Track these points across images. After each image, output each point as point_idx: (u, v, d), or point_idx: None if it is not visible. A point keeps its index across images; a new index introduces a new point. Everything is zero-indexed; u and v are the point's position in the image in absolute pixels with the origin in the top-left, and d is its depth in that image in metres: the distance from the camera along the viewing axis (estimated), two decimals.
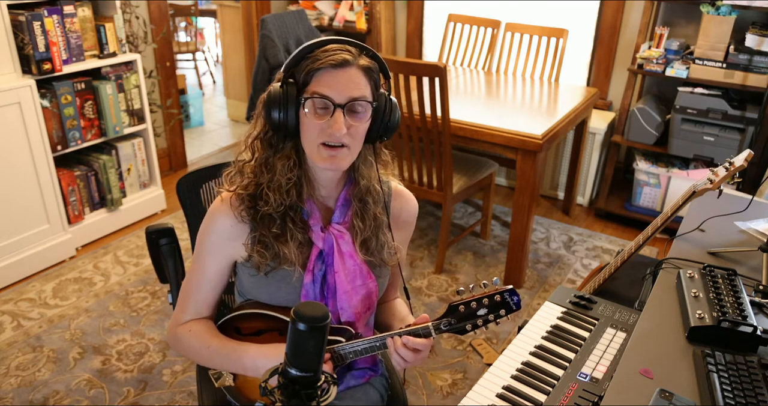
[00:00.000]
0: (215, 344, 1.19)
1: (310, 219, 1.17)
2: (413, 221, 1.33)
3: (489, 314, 1.10)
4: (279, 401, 0.72)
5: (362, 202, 1.20)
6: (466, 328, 1.11)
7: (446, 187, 2.66)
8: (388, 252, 1.24)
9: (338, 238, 1.18)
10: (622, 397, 1.01)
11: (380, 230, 1.22)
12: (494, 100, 3.05)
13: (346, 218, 1.20)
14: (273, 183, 1.13)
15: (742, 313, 1.15)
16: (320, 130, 1.07)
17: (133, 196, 3.25)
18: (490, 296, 1.10)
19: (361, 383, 1.32)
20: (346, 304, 1.21)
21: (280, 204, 1.13)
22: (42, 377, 2.20)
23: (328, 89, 1.06)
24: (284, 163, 1.13)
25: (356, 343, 1.15)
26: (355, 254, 1.20)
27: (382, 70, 1.13)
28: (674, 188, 3.18)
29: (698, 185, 1.49)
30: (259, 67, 3.48)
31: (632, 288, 1.65)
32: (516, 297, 1.09)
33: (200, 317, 1.25)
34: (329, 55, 1.06)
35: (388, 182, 1.28)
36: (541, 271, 2.95)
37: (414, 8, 4.08)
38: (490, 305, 1.10)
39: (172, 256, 1.44)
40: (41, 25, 2.58)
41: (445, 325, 1.11)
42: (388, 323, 1.35)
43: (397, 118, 1.15)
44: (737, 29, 2.88)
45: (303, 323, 0.70)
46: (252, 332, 1.22)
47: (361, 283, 1.22)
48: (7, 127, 2.54)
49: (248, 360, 1.14)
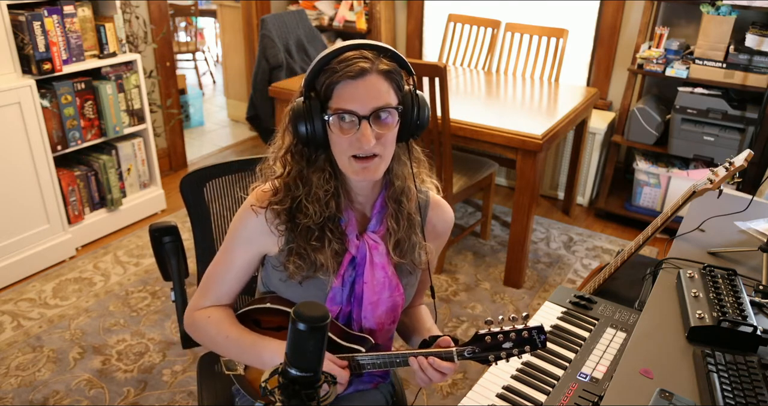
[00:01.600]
0: (234, 335, 1.18)
1: (347, 227, 1.16)
2: (448, 232, 1.32)
3: (513, 349, 1.09)
4: (279, 401, 0.72)
5: (397, 202, 1.18)
6: (488, 358, 1.10)
7: (446, 187, 2.66)
8: (419, 253, 1.22)
9: (372, 248, 1.17)
10: (622, 397, 1.01)
11: (413, 231, 1.20)
12: (494, 100, 3.04)
13: (381, 226, 1.19)
14: (311, 196, 1.12)
15: (742, 313, 1.15)
16: (349, 144, 1.06)
17: (133, 196, 3.25)
18: (518, 331, 1.08)
19: (369, 388, 1.33)
20: (370, 314, 1.20)
21: (320, 216, 1.12)
22: (42, 377, 2.20)
23: (350, 103, 1.04)
24: (320, 176, 1.12)
25: (377, 355, 1.14)
26: (388, 265, 1.19)
27: (404, 67, 1.10)
28: (674, 188, 3.18)
29: (698, 185, 1.49)
30: (259, 67, 3.49)
31: (632, 288, 1.65)
32: (543, 335, 1.08)
33: (220, 304, 1.24)
34: (346, 65, 1.03)
35: (426, 192, 1.26)
36: (541, 271, 2.95)
37: (414, 8, 4.08)
38: (516, 340, 1.08)
39: (176, 254, 1.44)
40: (41, 25, 2.58)
41: (469, 352, 1.10)
42: (410, 328, 1.34)
43: (427, 114, 1.12)
44: (737, 29, 2.88)
45: (303, 322, 0.70)
46: (272, 326, 1.21)
47: (389, 295, 1.21)
48: (7, 127, 2.54)
49: (268, 355, 1.13)
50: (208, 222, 1.47)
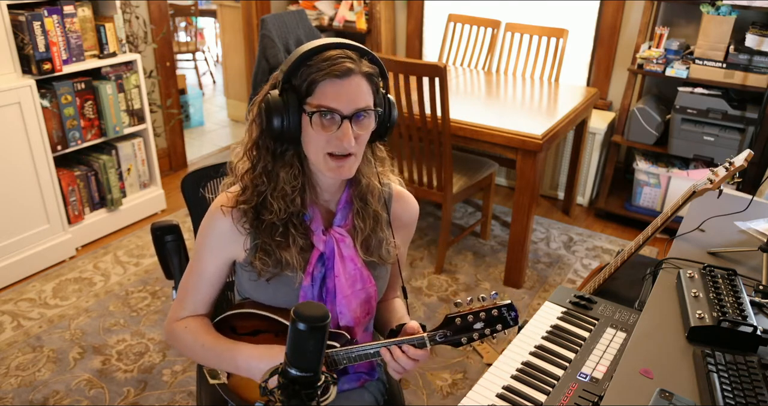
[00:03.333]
0: (209, 342, 1.18)
1: (312, 223, 1.17)
2: (414, 222, 1.33)
3: (485, 328, 1.10)
4: (279, 401, 0.72)
5: (363, 201, 1.19)
6: (461, 341, 1.11)
7: (446, 187, 2.66)
8: (387, 249, 1.23)
9: (339, 241, 1.18)
10: (622, 397, 1.01)
11: (379, 227, 1.22)
12: (494, 100, 3.04)
13: (347, 220, 1.20)
14: (277, 192, 1.12)
15: (742, 313, 1.15)
16: (327, 141, 1.06)
17: (133, 196, 3.25)
18: (487, 310, 1.09)
19: (356, 387, 1.31)
20: (345, 308, 1.20)
21: (285, 212, 1.13)
22: (42, 377, 2.20)
23: (334, 102, 1.04)
24: (288, 171, 1.12)
25: (351, 349, 1.14)
26: (356, 257, 1.20)
27: (381, 72, 1.12)
28: (674, 188, 3.18)
29: (698, 185, 1.49)
30: (259, 68, 3.48)
31: (632, 288, 1.65)
32: (513, 312, 1.09)
33: (197, 314, 1.25)
34: (331, 64, 1.03)
35: (389, 184, 1.27)
36: (541, 271, 2.95)
37: (414, 8, 4.08)
38: (486, 319, 1.09)
39: (177, 253, 1.45)
40: (41, 25, 2.58)
41: (441, 337, 1.11)
42: (385, 320, 1.35)
43: (395, 116, 1.15)
44: (737, 29, 2.88)
45: (303, 322, 0.70)
46: (248, 331, 1.22)
47: (361, 287, 1.21)
48: (7, 127, 2.54)
49: (241, 360, 1.14)
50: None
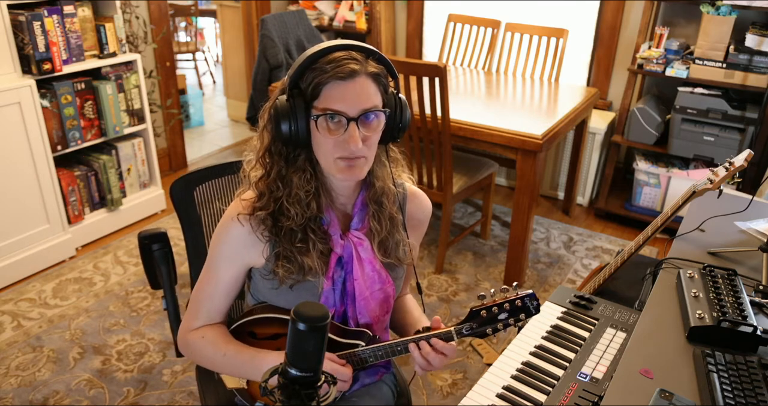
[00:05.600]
0: (232, 351, 1.17)
1: (330, 227, 1.16)
2: (427, 220, 1.33)
3: (509, 318, 1.11)
4: (279, 401, 0.72)
5: (378, 203, 1.19)
6: (486, 332, 1.12)
7: (446, 187, 2.66)
8: (403, 250, 1.23)
9: (357, 245, 1.17)
10: (622, 397, 1.01)
11: (395, 229, 1.22)
12: (494, 100, 3.04)
13: (364, 223, 1.19)
14: (292, 197, 1.11)
15: (742, 313, 1.15)
16: (335, 144, 1.05)
17: (133, 196, 3.25)
18: (511, 301, 1.10)
19: (375, 381, 1.33)
20: (364, 309, 1.21)
21: (302, 217, 1.12)
22: (42, 377, 2.20)
23: (339, 104, 1.03)
24: (300, 176, 1.11)
25: (377, 347, 1.15)
26: (374, 259, 1.20)
27: (390, 71, 1.10)
28: (674, 188, 3.18)
29: (698, 185, 1.49)
30: (259, 67, 3.48)
31: (632, 288, 1.65)
32: (536, 302, 1.11)
33: (212, 323, 1.23)
34: (336, 66, 1.02)
35: (402, 184, 1.27)
36: (541, 271, 2.95)
37: (414, 8, 4.08)
38: (511, 310, 1.10)
39: (165, 261, 1.42)
40: (41, 25, 2.58)
41: (467, 329, 1.12)
42: (398, 318, 1.35)
43: (409, 117, 1.13)
44: (737, 29, 2.88)
45: (303, 322, 0.70)
46: (268, 336, 1.21)
47: (380, 287, 1.21)
48: (7, 127, 2.54)
49: (267, 367, 1.13)
50: (199, 226, 1.46)
